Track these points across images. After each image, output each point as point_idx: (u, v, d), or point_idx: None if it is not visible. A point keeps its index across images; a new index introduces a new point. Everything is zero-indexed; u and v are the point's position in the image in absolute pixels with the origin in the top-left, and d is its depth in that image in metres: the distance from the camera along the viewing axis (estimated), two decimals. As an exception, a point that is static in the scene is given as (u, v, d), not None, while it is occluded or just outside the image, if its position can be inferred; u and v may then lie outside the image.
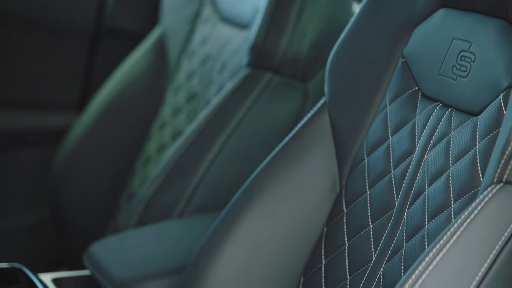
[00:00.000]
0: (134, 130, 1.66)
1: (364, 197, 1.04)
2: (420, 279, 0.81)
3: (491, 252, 0.82)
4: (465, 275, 0.81)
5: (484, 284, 0.81)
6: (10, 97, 1.84)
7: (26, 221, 1.84)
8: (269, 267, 1.08)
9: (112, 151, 1.65)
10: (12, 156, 1.83)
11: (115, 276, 1.20)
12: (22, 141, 1.84)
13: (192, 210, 1.43)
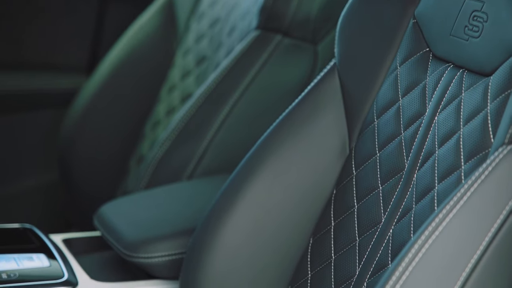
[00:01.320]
0: (143, 93, 1.65)
1: (374, 159, 1.04)
2: (430, 240, 0.81)
3: (501, 213, 0.82)
4: (475, 235, 0.81)
5: (494, 244, 0.81)
6: (20, 60, 1.84)
7: (36, 183, 1.85)
8: (278, 229, 1.08)
9: (121, 114, 1.65)
10: (21, 118, 1.84)
11: (125, 237, 1.21)
12: (31, 103, 1.85)
13: (201, 173, 1.43)
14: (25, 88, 1.83)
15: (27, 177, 1.85)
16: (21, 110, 1.84)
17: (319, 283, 1.05)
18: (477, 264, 0.80)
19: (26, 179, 1.85)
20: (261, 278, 1.08)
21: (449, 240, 0.82)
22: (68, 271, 1.15)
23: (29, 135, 1.86)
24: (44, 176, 1.86)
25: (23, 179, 1.85)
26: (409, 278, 0.83)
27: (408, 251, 0.83)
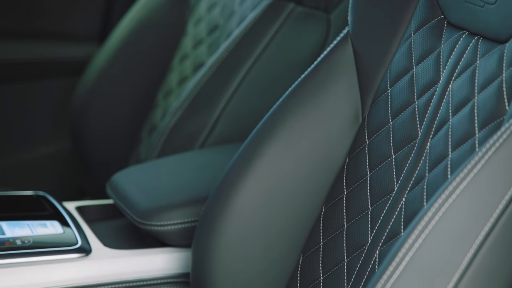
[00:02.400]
0: (155, 62, 1.65)
1: (387, 128, 1.04)
2: (443, 208, 0.81)
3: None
4: (489, 203, 0.81)
5: (509, 211, 0.81)
6: (32, 29, 1.84)
7: (49, 152, 1.86)
8: (291, 197, 1.09)
9: (133, 83, 1.65)
10: (34, 87, 1.85)
11: (138, 205, 1.21)
12: (43, 72, 1.85)
13: (213, 141, 1.43)
14: (37, 57, 1.83)
15: (40, 146, 1.86)
16: (33, 79, 1.84)
17: (331, 251, 1.05)
18: (491, 232, 0.80)
19: (39, 148, 1.86)
20: (274, 246, 1.09)
21: (463, 208, 0.82)
22: (82, 238, 1.16)
23: (42, 104, 1.87)
24: (57, 145, 1.86)
25: (36, 147, 1.86)
26: (422, 246, 0.83)
27: (421, 219, 0.83)
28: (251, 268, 1.08)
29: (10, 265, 1.09)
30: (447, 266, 0.80)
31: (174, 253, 1.20)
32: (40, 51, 1.83)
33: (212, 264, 1.08)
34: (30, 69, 1.84)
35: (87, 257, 1.14)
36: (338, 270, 1.02)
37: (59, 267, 1.12)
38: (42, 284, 1.10)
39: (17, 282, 1.09)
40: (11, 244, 1.11)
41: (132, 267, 1.17)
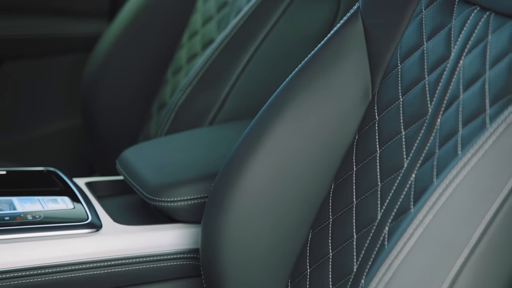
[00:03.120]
0: (165, 39, 1.65)
1: (397, 104, 1.03)
2: (453, 184, 0.81)
3: (526, 156, 0.81)
4: (500, 179, 0.81)
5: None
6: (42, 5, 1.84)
7: (59, 128, 1.87)
8: (300, 174, 1.09)
9: (142, 60, 1.65)
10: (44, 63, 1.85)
11: (147, 181, 1.21)
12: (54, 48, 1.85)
13: (222, 118, 1.43)
14: (47, 34, 1.83)
15: (51, 122, 1.87)
16: (43, 55, 1.84)
17: (340, 227, 1.05)
18: (501, 207, 0.80)
19: (50, 124, 1.86)
20: (283, 222, 1.09)
21: (473, 184, 0.82)
22: (92, 214, 1.17)
23: (52, 81, 1.87)
24: (67, 122, 1.87)
25: (47, 124, 1.86)
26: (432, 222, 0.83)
27: (431, 195, 0.84)
28: (261, 244, 1.09)
29: (21, 239, 1.09)
30: (456, 242, 0.80)
31: (184, 229, 1.21)
32: (50, 28, 1.83)
33: (221, 240, 1.08)
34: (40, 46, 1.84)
35: (98, 232, 1.14)
36: (347, 246, 1.03)
37: (69, 242, 1.12)
38: (53, 258, 1.11)
39: (28, 257, 1.10)
40: (22, 219, 1.11)
41: (142, 243, 1.18)
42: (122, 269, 1.16)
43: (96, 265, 1.14)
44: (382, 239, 0.97)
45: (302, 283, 1.07)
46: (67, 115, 1.87)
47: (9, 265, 1.08)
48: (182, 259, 1.20)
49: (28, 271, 1.09)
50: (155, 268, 1.18)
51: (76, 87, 1.77)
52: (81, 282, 1.14)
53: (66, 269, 1.12)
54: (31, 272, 1.09)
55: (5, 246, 1.08)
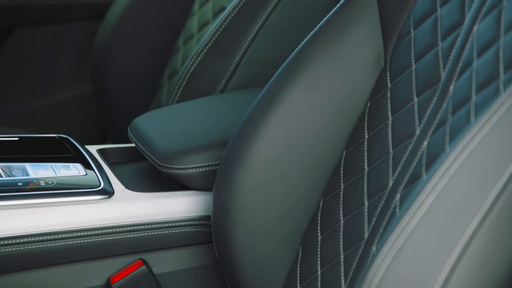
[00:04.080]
0: (176, 7, 1.64)
1: (409, 71, 1.03)
2: (466, 150, 0.81)
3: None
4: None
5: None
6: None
7: (71, 95, 1.87)
8: (312, 142, 1.09)
9: (153, 27, 1.65)
10: (57, 30, 1.84)
11: (159, 148, 1.22)
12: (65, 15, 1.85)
13: (234, 86, 1.43)
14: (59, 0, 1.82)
15: (63, 90, 1.87)
16: (55, 22, 1.84)
17: (352, 195, 1.05)
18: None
19: (61, 92, 1.87)
20: (295, 190, 1.09)
21: (486, 150, 0.81)
22: (104, 181, 1.17)
23: (64, 48, 1.87)
24: (79, 89, 1.87)
25: (58, 91, 1.86)
26: (444, 189, 0.83)
27: (443, 162, 0.84)
28: (272, 211, 1.09)
29: (33, 205, 1.10)
30: (469, 208, 0.80)
31: (195, 196, 1.21)
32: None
33: (233, 208, 1.08)
34: (52, 13, 1.83)
35: (110, 199, 1.15)
36: (359, 214, 1.03)
37: (81, 208, 1.13)
38: (65, 224, 1.12)
39: (41, 223, 1.10)
40: (35, 185, 1.12)
41: (153, 210, 1.18)
42: (134, 236, 1.16)
43: (108, 231, 1.14)
44: (393, 206, 0.97)
45: (313, 250, 1.07)
46: (79, 83, 1.87)
47: (22, 230, 1.09)
48: (194, 226, 1.20)
49: (41, 236, 1.10)
50: (167, 235, 1.19)
51: (87, 55, 1.77)
52: (93, 248, 1.14)
53: (78, 235, 1.12)
54: (44, 238, 1.10)
55: (18, 211, 1.09)
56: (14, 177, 1.13)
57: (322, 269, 1.05)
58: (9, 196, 1.09)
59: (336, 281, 1.02)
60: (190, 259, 1.22)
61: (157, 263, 1.19)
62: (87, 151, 1.24)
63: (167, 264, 1.21)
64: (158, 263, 1.20)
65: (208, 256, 1.22)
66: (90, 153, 1.24)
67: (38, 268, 1.13)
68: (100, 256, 1.16)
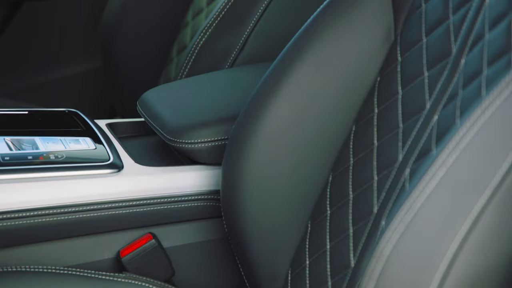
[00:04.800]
0: (185, -19, 1.64)
1: (420, 45, 1.02)
2: (476, 124, 0.81)
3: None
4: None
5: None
6: None
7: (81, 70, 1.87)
8: (320, 116, 1.08)
9: (162, 2, 1.64)
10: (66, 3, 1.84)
11: (168, 123, 1.22)
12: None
13: (243, 61, 1.43)
14: None
15: (72, 64, 1.87)
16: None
17: (361, 169, 1.05)
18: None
19: (70, 67, 1.86)
20: (304, 165, 1.09)
21: (497, 125, 0.81)
22: (113, 155, 1.17)
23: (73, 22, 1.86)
24: (88, 64, 1.87)
25: (68, 66, 1.86)
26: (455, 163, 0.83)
27: (454, 136, 0.83)
28: (281, 186, 1.09)
29: (43, 179, 1.10)
30: (479, 182, 0.80)
31: (204, 171, 1.21)
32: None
33: (242, 182, 1.09)
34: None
35: (119, 173, 1.15)
36: (368, 188, 1.03)
37: (91, 182, 1.13)
38: (74, 198, 1.12)
39: (50, 196, 1.11)
40: (45, 159, 1.12)
41: (162, 184, 1.18)
42: (143, 210, 1.17)
43: (117, 205, 1.15)
44: (403, 180, 0.97)
45: (322, 224, 1.07)
46: (88, 57, 1.87)
47: (32, 203, 1.09)
48: (203, 200, 1.20)
49: (51, 210, 1.10)
50: (176, 209, 1.19)
51: (96, 29, 1.77)
52: (103, 222, 1.15)
53: (87, 209, 1.13)
54: (53, 211, 1.10)
55: (28, 185, 1.09)
56: (24, 150, 1.13)
57: (331, 243, 1.05)
58: (19, 170, 1.09)
59: (345, 255, 1.02)
60: (199, 233, 1.22)
61: (166, 237, 1.20)
62: (96, 125, 1.24)
63: (176, 238, 1.21)
64: (168, 237, 1.20)
65: (217, 230, 1.22)
66: (99, 127, 1.24)
67: (49, 241, 1.13)
68: (110, 230, 1.17)
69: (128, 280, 1.10)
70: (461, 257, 0.78)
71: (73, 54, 1.86)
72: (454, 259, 0.78)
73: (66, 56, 1.86)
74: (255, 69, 1.36)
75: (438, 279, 0.77)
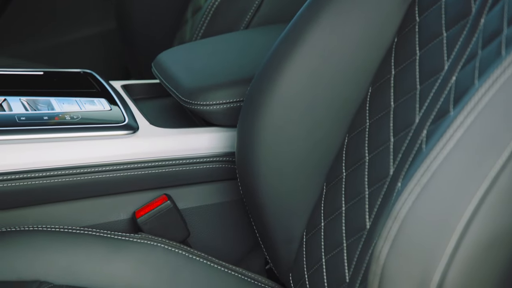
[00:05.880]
0: None
1: (439, 5, 1.01)
2: (496, 84, 0.80)
3: None
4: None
5: None
6: None
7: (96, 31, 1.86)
8: (336, 78, 1.08)
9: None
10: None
11: (183, 84, 1.21)
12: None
13: (258, 22, 1.42)
14: None
15: (87, 26, 1.86)
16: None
17: (377, 131, 1.05)
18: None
19: (85, 28, 1.86)
20: (319, 127, 1.09)
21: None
22: (129, 116, 1.17)
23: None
24: (103, 26, 1.86)
25: (82, 27, 1.86)
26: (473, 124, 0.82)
27: (472, 97, 0.82)
28: (296, 148, 1.09)
29: (58, 139, 1.10)
30: (497, 143, 0.79)
31: (220, 133, 1.21)
32: None
33: (257, 144, 1.08)
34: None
35: (134, 134, 1.15)
36: (384, 150, 1.02)
37: (106, 143, 1.13)
38: (89, 159, 1.12)
39: (65, 157, 1.11)
40: (60, 119, 1.12)
41: (177, 145, 1.18)
42: (158, 171, 1.17)
43: (133, 167, 1.15)
44: (420, 142, 0.97)
45: (337, 187, 1.07)
46: (103, 19, 1.86)
47: (47, 164, 1.10)
48: (218, 162, 1.20)
49: (66, 170, 1.11)
50: (191, 171, 1.19)
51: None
52: (118, 183, 1.15)
53: (102, 170, 1.13)
54: (68, 172, 1.11)
55: (43, 145, 1.10)
56: (40, 111, 1.13)
57: (347, 205, 1.05)
58: (34, 130, 1.09)
59: (361, 217, 1.02)
60: (214, 195, 1.23)
61: (181, 199, 1.20)
62: (111, 87, 1.24)
63: (192, 199, 1.21)
64: (183, 199, 1.20)
65: (232, 192, 1.23)
66: (114, 88, 1.24)
67: (64, 202, 1.14)
68: (125, 191, 1.17)
69: (143, 240, 1.11)
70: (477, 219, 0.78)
71: (88, 15, 1.86)
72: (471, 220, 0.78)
73: (81, 17, 1.85)
74: (270, 30, 1.35)
75: (454, 240, 0.76)
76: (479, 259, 0.76)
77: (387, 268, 0.77)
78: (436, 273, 0.75)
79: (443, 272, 0.74)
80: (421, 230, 0.79)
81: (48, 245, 1.07)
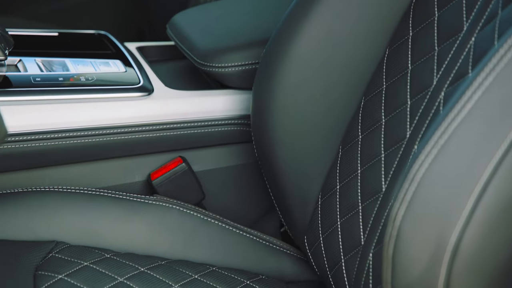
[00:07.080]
0: None
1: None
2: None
3: None
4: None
5: None
6: None
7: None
8: (352, 39, 1.07)
9: None
10: None
11: (198, 46, 1.20)
12: None
13: (274, -16, 1.40)
14: None
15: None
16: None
17: (394, 93, 1.04)
18: None
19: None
20: (335, 88, 1.08)
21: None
22: (144, 78, 1.16)
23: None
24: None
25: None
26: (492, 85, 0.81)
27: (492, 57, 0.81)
28: (312, 110, 1.08)
29: (74, 100, 1.10)
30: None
31: (235, 95, 1.20)
32: None
33: (273, 106, 1.08)
34: None
35: (149, 96, 1.15)
36: (401, 112, 1.01)
37: (121, 105, 1.13)
38: (105, 120, 1.12)
39: (81, 118, 1.11)
40: (75, 80, 1.12)
41: (193, 108, 1.18)
42: (173, 133, 1.17)
43: (148, 129, 1.15)
44: (437, 104, 0.96)
45: (353, 150, 1.06)
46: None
47: (62, 125, 1.09)
48: (233, 124, 1.20)
49: (81, 131, 1.10)
50: (206, 133, 1.19)
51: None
52: (133, 145, 1.15)
53: (117, 131, 1.13)
54: (83, 133, 1.11)
55: (58, 106, 1.09)
56: (55, 72, 1.13)
57: (362, 168, 1.04)
58: (50, 91, 1.09)
59: (377, 180, 1.01)
60: (229, 157, 1.22)
61: (196, 161, 1.20)
62: (126, 48, 1.23)
63: (207, 162, 1.21)
64: (198, 161, 1.20)
65: (247, 154, 1.22)
66: (129, 50, 1.24)
67: (80, 163, 1.14)
68: (140, 153, 1.17)
69: (158, 202, 1.11)
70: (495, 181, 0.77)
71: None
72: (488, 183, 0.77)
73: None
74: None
75: (471, 202, 0.76)
76: (495, 222, 0.75)
77: (403, 230, 0.77)
78: (452, 235, 0.74)
79: (459, 234, 0.74)
80: (438, 192, 0.78)
81: (64, 206, 1.07)
